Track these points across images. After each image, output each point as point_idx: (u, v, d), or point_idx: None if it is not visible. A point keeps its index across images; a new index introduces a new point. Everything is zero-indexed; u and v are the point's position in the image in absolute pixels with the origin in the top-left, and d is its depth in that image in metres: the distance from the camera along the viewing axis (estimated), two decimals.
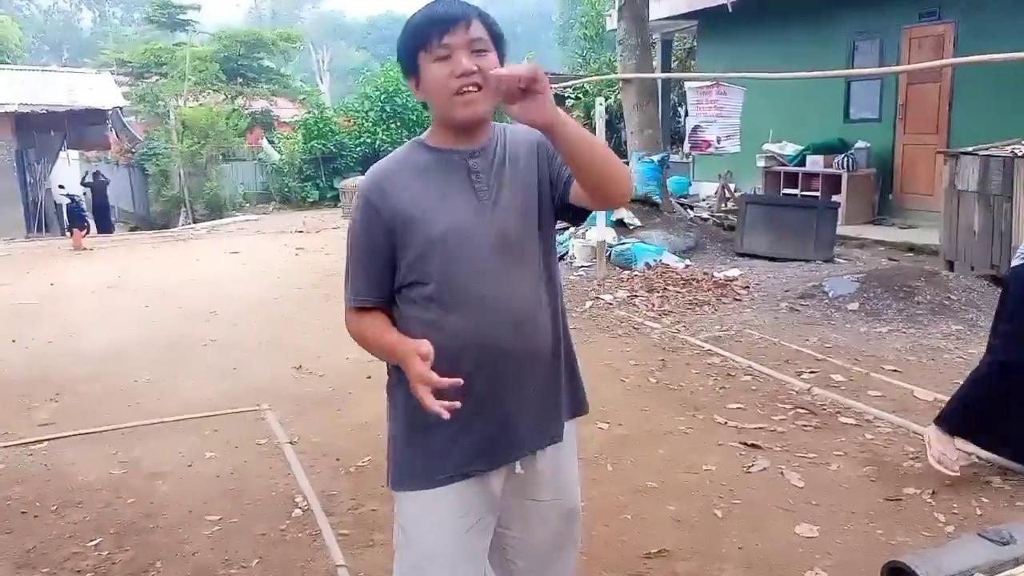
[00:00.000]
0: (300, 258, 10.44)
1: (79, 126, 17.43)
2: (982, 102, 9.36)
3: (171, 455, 4.06)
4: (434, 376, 1.53)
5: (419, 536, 1.74)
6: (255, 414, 4.61)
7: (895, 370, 5.04)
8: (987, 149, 6.92)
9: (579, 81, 14.89)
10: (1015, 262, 3.40)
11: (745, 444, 3.97)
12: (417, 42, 1.62)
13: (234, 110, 19.47)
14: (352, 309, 1.74)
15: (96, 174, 18.41)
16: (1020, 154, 6.50)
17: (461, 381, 1.53)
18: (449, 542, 1.72)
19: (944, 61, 8.86)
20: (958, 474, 3.46)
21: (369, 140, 18.00)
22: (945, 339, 5.62)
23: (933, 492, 3.43)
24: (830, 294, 6.59)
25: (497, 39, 1.65)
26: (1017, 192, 6.49)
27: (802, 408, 4.43)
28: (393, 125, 18.01)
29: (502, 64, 1.64)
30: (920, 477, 3.59)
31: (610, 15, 15.73)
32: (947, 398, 4.52)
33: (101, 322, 7.07)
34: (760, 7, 11.66)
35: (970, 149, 6.99)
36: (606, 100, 8.29)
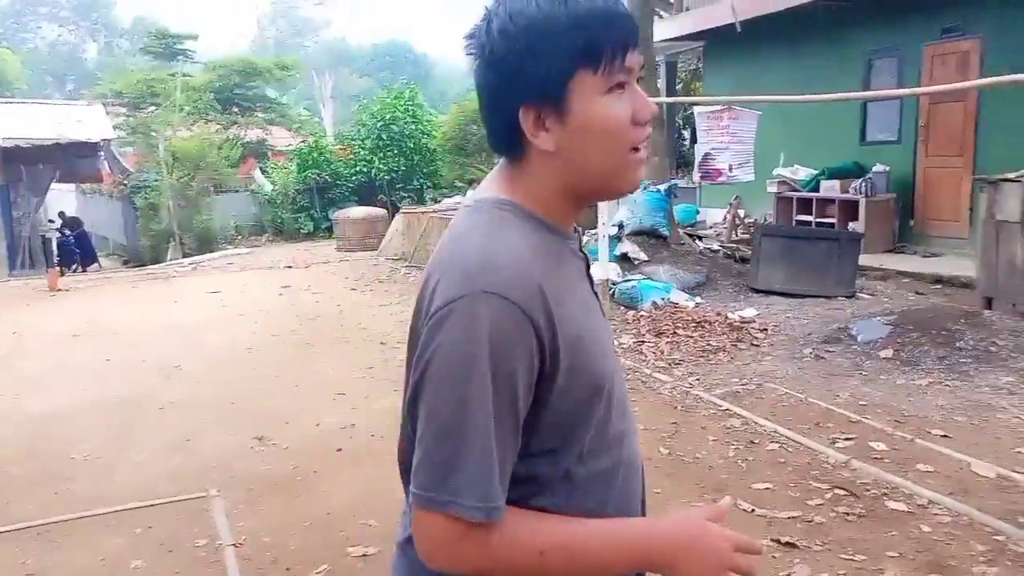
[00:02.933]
0: (284, 298, 9.82)
1: (70, 159, 16.91)
2: (1012, 122, 8.72)
3: (90, 564, 3.39)
4: (750, 541, 1.03)
5: None
6: (200, 503, 3.94)
7: (944, 435, 4.36)
8: None
9: None
10: None
11: (779, 543, 3.29)
12: (579, 49, 0.95)
13: (227, 140, 18.99)
14: (472, 526, 0.94)
15: (61, 214, 17.94)
16: None
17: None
18: None
19: (971, 83, 8.23)
20: None
21: (365, 169, 17.47)
22: (996, 394, 4.94)
23: None
24: (859, 339, 5.93)
25: None
26: None
27: (841, 488, 3.76)
28: (390, 153, 17.48)
29: None
30: None
31: None
32: (1010, 473, 3.87)
33: (54, 381, 6.42)
34: (770, 27, 11.10)
35: (1012, 176, 6.33)
36: None
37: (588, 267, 1.11)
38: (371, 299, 9.39)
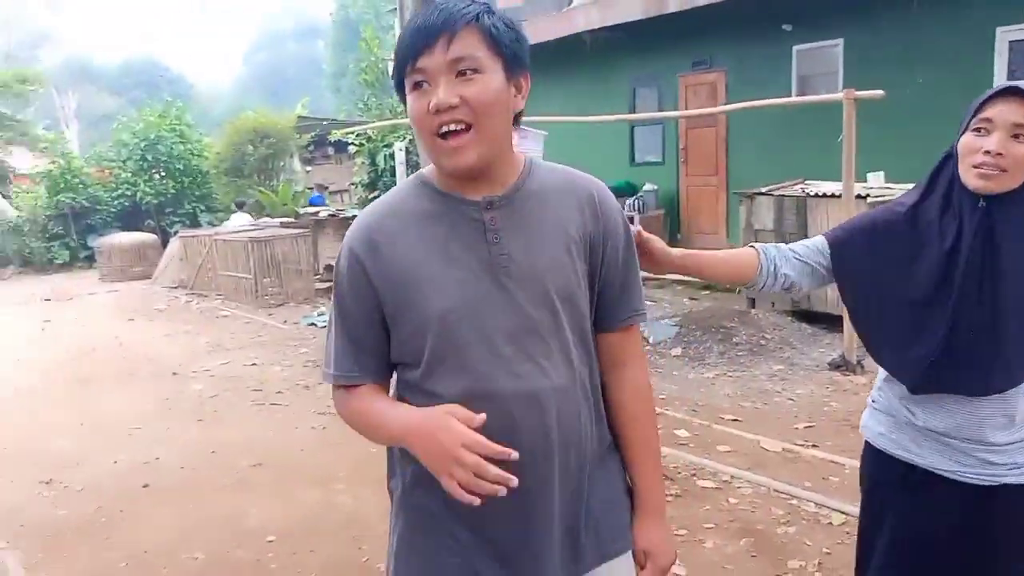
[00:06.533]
0: (48, 333, 8.81)
1: None
2: (752, 143, 9.93)
3: None
4: (480, 440, 1.15)
5: None
6: None
7: (735, 419, 4.87)
8: (779, 189, 7.16)
9: (362, 127, 14.28)
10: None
11: None
12: (399, 63, 1.25)
13: None
14: (337, 387, 1.38)
15: None
16: (811, 193, 6.76)
17: (515, 454, 1.16)
18: None
19: (716, 108, 9.26)
20: None
21: (129, 192, 16.13)
22: (770, 380, 5.58)
23: (819, 563, 3.17)
24: (651, 340, 6.44)
25: (508, 50, 1.24)
26: (811, 229, 6.72)
27: None
28: (157, 176, 16.28)
29: (511, 83, 1.27)
30: (799, 546, 3.31)
31: (392, 60, 15.34)
32: (792, 446, 4.41)
33: None
34: (544, 55, 11.75)
35: (764, 189, 7.21)
36: (400, 144, 7.74)
37: (485, 231, 1.29)
38: (153, 329, 8.69)
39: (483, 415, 1.18)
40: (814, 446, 4.38)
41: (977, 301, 1.59)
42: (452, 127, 1.22)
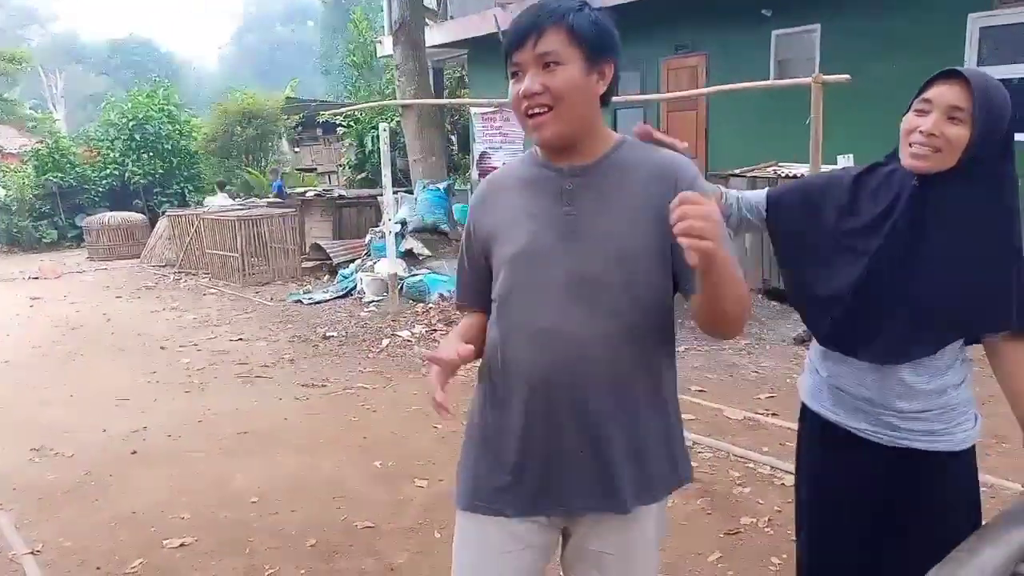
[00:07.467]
0: (36, 309, 8.94)
1: None
2: (731, 127, 10.09)
3: None
4: (439, 376, 1.49)
5: (458, 558, 1.68)
6: None
7: (700, 390, 5.07)
8: (752, 171, 7.34)
9: (350, 108, 14.37)
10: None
11: None
12: (504, 56, 1.50)
13: None
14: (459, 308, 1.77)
15: None
16: (781, 175, 6.95)
17: (448, 411, 1.46)
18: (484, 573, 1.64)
19: (700, 91, 9.42)
20: None
21: (117, 172, 16.16)
22: (737, 354, 5.80)
23: (769, 519, 3.37)
24: None
25: (588, 43, 1.44)
26: None
27: None
28: (145, 155, 16.31)
29: (593, 71, 1.46)
30: (752, 504, 3.52)
31: (380, 42, 15.40)
32: (753, 415, 4.62)
33: None
34: None
35: (738, 171, 7.38)
36: (385, 124, 7.86)
37: (561, 194, 1.52)
38: (141, 306, 8.83)
39: (454, 351, 1.50)
40: (774, 415, 4.59)
41: (895, 267, 1.66)
42: (537, 110, 1.45)
